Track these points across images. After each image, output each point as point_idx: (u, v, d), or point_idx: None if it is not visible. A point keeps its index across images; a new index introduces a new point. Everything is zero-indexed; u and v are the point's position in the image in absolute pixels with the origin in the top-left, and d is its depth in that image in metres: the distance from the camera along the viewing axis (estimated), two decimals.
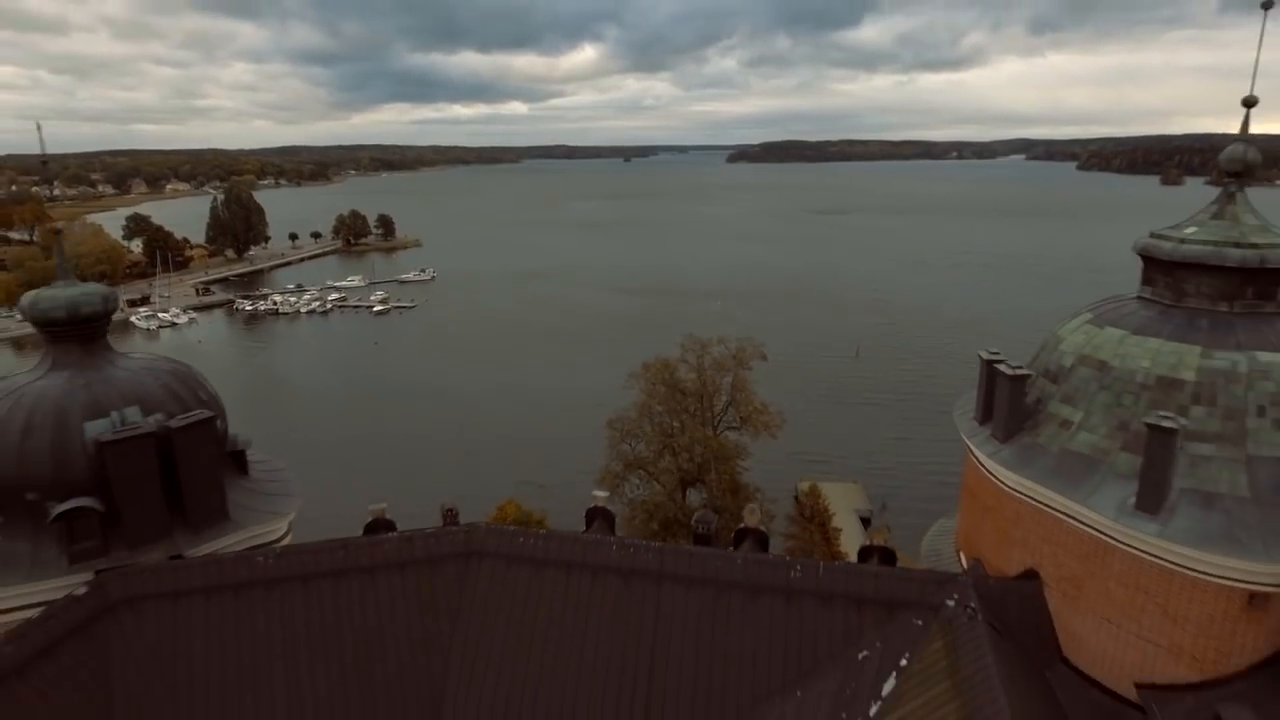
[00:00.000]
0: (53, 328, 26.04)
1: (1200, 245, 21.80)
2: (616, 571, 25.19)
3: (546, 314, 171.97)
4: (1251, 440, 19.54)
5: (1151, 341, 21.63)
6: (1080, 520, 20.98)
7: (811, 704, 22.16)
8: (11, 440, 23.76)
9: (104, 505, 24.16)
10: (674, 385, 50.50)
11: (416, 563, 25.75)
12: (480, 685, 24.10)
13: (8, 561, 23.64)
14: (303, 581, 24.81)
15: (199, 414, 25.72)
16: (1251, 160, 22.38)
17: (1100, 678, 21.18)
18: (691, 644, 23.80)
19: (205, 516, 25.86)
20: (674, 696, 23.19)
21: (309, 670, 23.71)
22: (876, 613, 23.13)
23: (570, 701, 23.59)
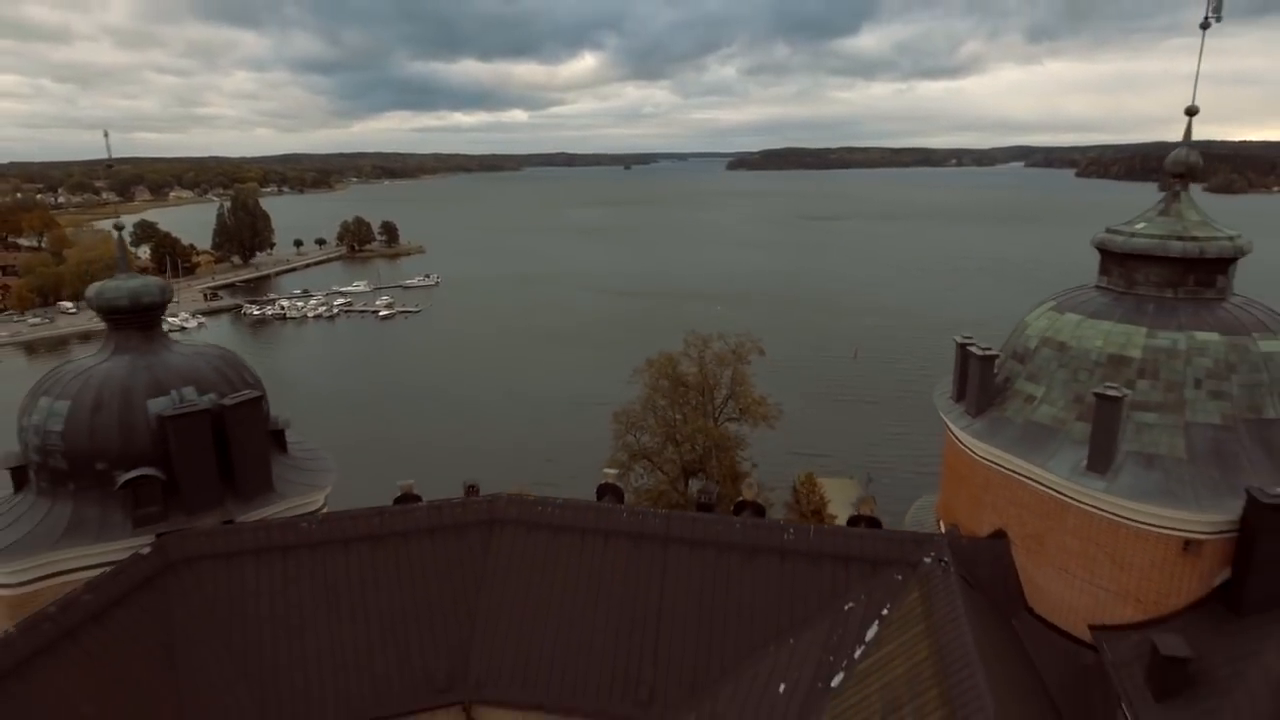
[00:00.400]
0: (115, 315, 28.74)
1: (1147, 239, 24.44)
2: (626, 536, 27.80)
3: (549, 317, 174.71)
4: (1189, 409, 22.15)
5: (1104, 324, 24.26)
6: (1040, 482, 23.57)
7: (802, 650, 24.72)
8: (83, 416, 26.41)
9: (164, 475, 26.81)
10: (676, 379, 53.26)
11: (445, 529, 28.37)
12: (503, 638, 26.65)
13: (80, 525, 26.29)
14: (343, 545, 27.44)
15: (248, 393, 28.41)
16: (1193, 163, 24.98)
17: (1060, 623, 23.75)
18: (695, 600, 26.37)
19: (253, 487, 28.50)
20: (679, 647, 25.74)
21: (349, 623, 26.27)
22: (861, 570, 25.72)
23: (585, 653, 26.12)
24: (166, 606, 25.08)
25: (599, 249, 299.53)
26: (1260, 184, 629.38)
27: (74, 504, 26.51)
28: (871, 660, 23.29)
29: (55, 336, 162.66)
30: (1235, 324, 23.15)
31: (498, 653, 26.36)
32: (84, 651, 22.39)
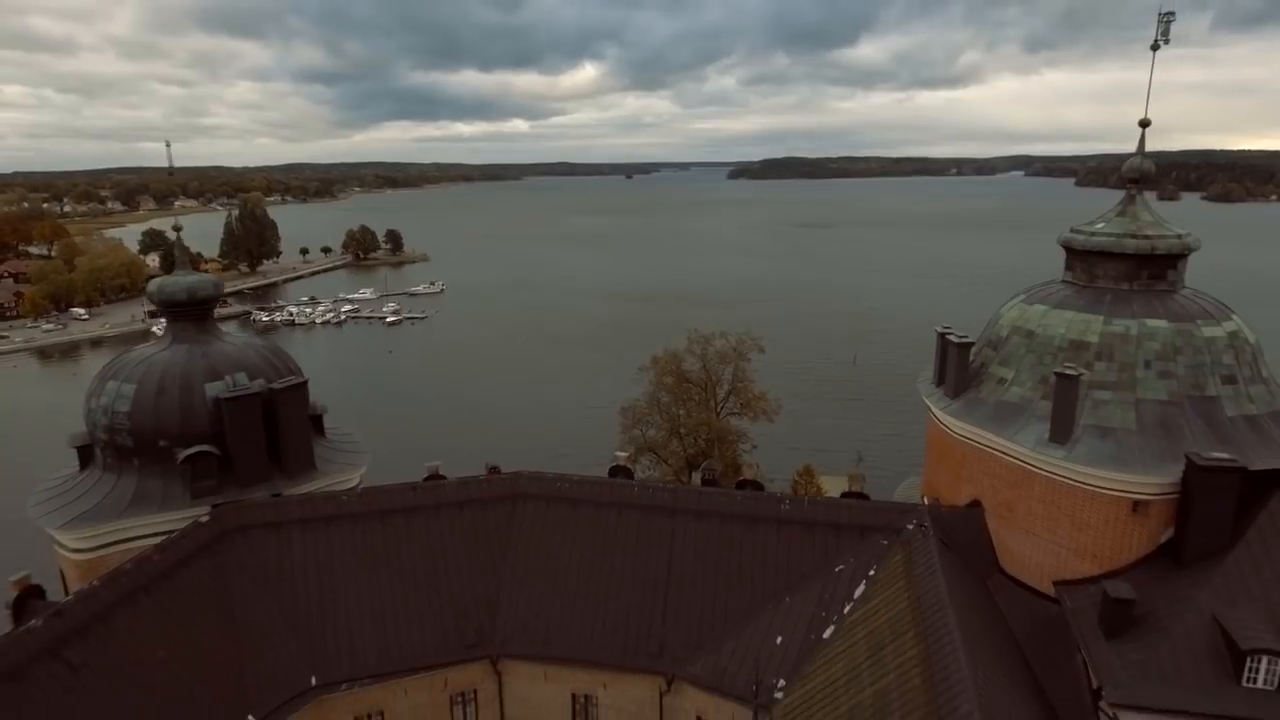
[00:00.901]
0: (174, 307, 31.57)
1: (1105, 237, 27.27)
2: (637, 508, 30.55)
3: (553, 322, 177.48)
4: (1139, 387, 24.93)
5: (1067, 313, 27.08)
6: (1010, 454, 26.33)
7: (798, 607, 27.42)
8: (148, 398, 29.21)
9: (219, 451, 29.61)
10: (680, 375, 55.98)
11: (472, 502, 31.12)
12: (526, 600, 29.34)
13: (144, 496, 29.08)
14: (380, 516, 30.19)
15: (294, 379, 31.23)
16: (1146, 170, 27.81)
17: (1027, 580, 26.48)
18: (700, 565, 29.08)
19: (297, 464, 31.28)
20: (686, 606, 28.41)
21: (387, 586, 28.97)
22: (851, 536, 28.46)
23: (601, 612, 28.80)
24: (223, 569, 27.82)
25: (600, 256, 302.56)
26: (1258, 192, 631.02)
27: (138, 478, 29.31)
28: (859, 613, 26.02)
29: (68, 342, 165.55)
30: (1182, 312, 25.95)
31: (521, 612, 29.06)
32: (156, 603, 25.15)
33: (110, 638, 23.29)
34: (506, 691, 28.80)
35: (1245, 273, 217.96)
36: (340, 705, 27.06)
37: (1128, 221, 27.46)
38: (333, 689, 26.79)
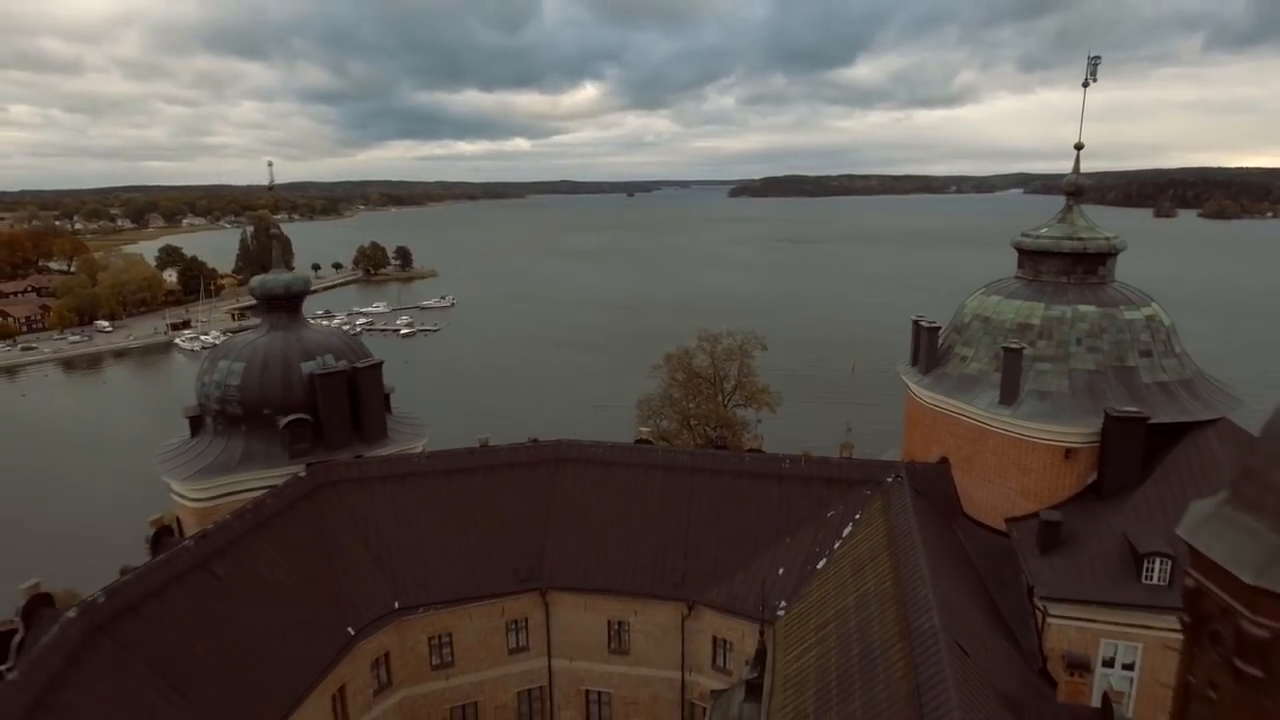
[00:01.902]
0: (272, 300, 37.50)
1: (1047, 239, 33.18)
2: (661, 468, 36.26)
3: (560, 333, 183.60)
4: (1072, 359, 30.74)
5: (1016, 302, 32.94)
6: (970, 417, 32.10)
7: (796, 545, 33.06)
8: (254, 375, 35.07)
9: (313, 419, 35.41)
10: (691, 371, 61.75)
11: (522, 464, 36.82)
12: (569, 542, 34.93)
13: (251, 456, 34.88)
14: (445, 474, 35.88)
15: (372, 360, 37.11)
16: (1081, 185, 33.74)
17: (984, 520, 32.17)
18: (714, 514, 34.72)
19: (374, 432, 37.09)
20: (703, 545, 33.98)
21: (452, 532, 34.59)
22: (840, 488, 34.11)
23: (631, 551, 34.39)
24: (320, 514, 33.53)
25: (601, 270, 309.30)
26: (1254, 209, 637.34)
27: (245, 441, 35.13)
28: (845, 547, 31.67)
29: (92, 353, 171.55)
30: (1109, 300, 31.83)
31: (565, 553, 34.67)
32: (272, 536, 30.86)
33: (242, 558, 29.00)
34: (553, 619, 34.37)
35: (1215, 282, 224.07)
36: (417, 626, 32.67)
37: (1066, 227, 33.38)
38: (411, 612, 32.40)
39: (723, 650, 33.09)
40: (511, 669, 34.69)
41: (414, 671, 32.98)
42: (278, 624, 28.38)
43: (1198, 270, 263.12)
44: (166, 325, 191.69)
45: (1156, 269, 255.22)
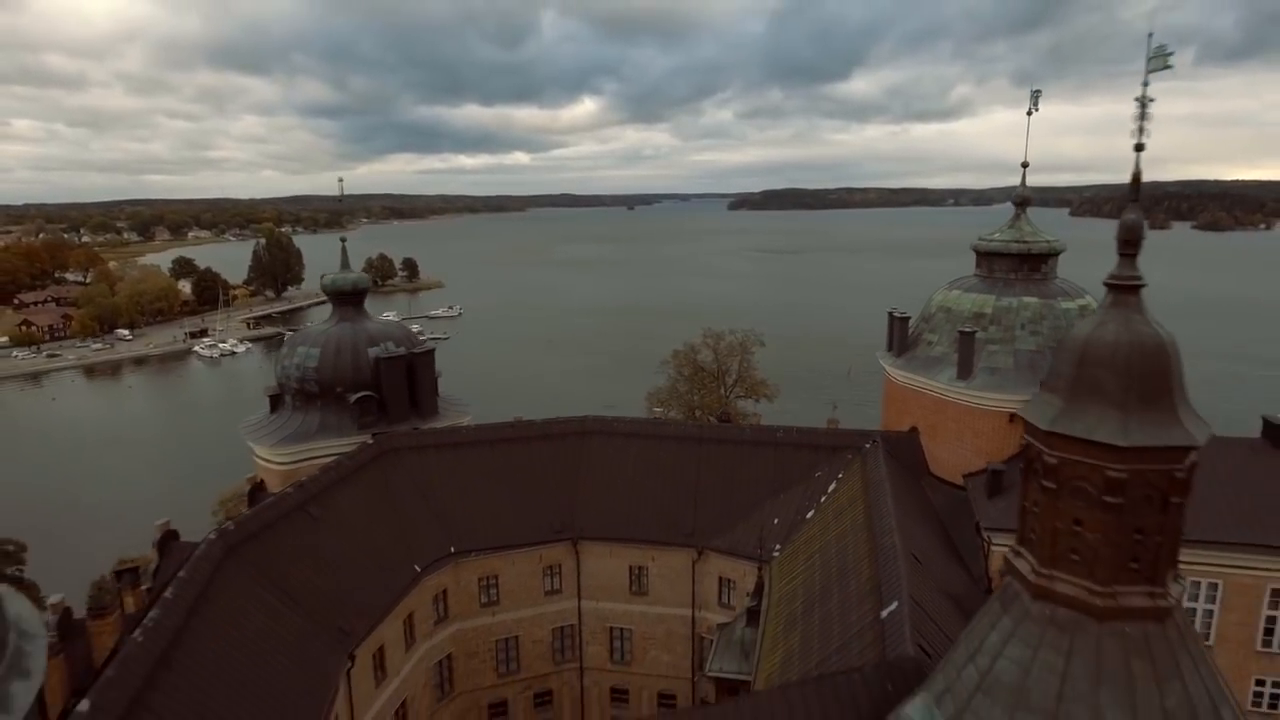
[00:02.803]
0: (341, 295, 43.76)
1: (999, 242, 39.46)
2: (673, 439, 42.42)
3: (563, 339, 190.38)
4: (1017, 341, 36.95)
5: (973, 295, 39.18)
6: (933, 391, 38.29)
7: (788, 500, 39.13)
8: (329, 357, 41.29)
9: (377, 396, 41.57)
10: (696, 366, 67.95)
11: (553, 436, 42.94)
12: (596, 500, 40.96)
13: (326, 427, 41.06)
14: (489, 444, 42.00)
15: (427, 346, 43.33)
16: (1027, 196, 40.02)
17: (946, 477, 38.29)
18: (720, 476, 40.79)
19: (427, 409, 43.28)
20: (710, 502, 40.02)
21: (496, 490, 40.63)
22: (826, 453, 40.21)
23: (648, 508, 40.40)
24: (386, 475, 39.62)
25: (605, 281, 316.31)
26: (1247, 221, 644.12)
27: (321, 414, 41.32)
28: (829, 500, 37.79)
29: (114, 360, 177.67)
30: (1049, 293, 38.09)
31: (592, 509, 40.73)
32: (350, 489, 36.97)
33: (331, 504, 35.11)
34: (582, 565, 40.41)
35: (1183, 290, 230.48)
36: (470, 567, 38.72)
37: (1015, 231, 39.67)
38: (464, 556, 38.43)
39: (727, 589, 39.11)
40: (547, 608, 40.72)
41: (466, 607, 39.01)
42: (360, 557, 34.44)
43: (1178, 279, 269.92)
44: (185, 334, 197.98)
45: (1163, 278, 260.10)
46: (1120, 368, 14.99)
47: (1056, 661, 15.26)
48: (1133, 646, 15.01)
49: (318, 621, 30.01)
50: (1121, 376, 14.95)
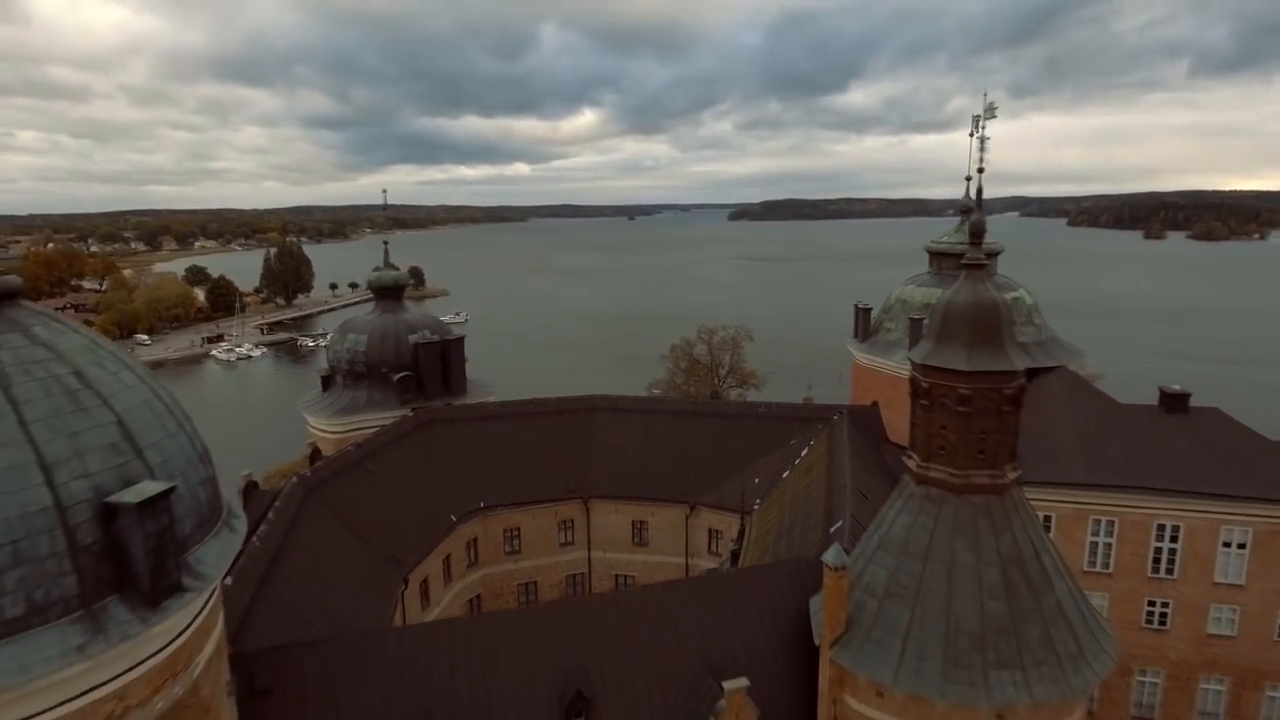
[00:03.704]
0: (384, 290, 50.73)
1: (947, 244, 46.40)
2: (670, 413, 49.29)
3: (567, 343, 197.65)
4: None
5: (925, 289, 46.11)
6: (891, 370, 45.15)
7: (767, 463, 45.88)
8: (375, 343, 48.20)
9: (416, 376, 48.42)
10: (692, 359, 74.78)
11: (567, 411, 49.78)
12: (603, 468, 47.73)
13: (373, 402, 47.92)
14: (512, 417, 48.85)
15: (458, 334, 50.28)
16: (970, 206, 46.87)
17: (901, 443, 45.00)
18: (710, 445, 47.55)
19: (458, 388, 50.15)
20: (702, 465, 46.75)
21: (519, 455, 47.37)
22: (800, 424, 47.01)
23: (649, 471, 47.14)
24: (425, 443, 46.41)
25: (604, 288, 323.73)
26: (1240, 231, 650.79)
27: (368, 391, 48.18)
28: (802, 462, 44.57)
29: None
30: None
31: (600, 472, 47.48)
32: (396, 452, 43.77)
33: (381, 462, 41.92)
34: (592, 520, 47.16)
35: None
36: (496, 520, 45.48)
37: (961, 234, 46.62)
38: (491, 510, 45.19)
39: (716, 539, 45.85)
40: (561, 557, 47.45)
41: (493, 554, 45.77)
42: (406, 506, 41.23)
43: (1144, 287, 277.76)
44: (202, 339, 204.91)
45: (1118, 285, 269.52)
46: (966, 320, 22.04)
47: (929, 522, 22.17)
48: (979, 511, 21.93)
49: (376, 551, 36.79)
50: (967, 326, 21.98)
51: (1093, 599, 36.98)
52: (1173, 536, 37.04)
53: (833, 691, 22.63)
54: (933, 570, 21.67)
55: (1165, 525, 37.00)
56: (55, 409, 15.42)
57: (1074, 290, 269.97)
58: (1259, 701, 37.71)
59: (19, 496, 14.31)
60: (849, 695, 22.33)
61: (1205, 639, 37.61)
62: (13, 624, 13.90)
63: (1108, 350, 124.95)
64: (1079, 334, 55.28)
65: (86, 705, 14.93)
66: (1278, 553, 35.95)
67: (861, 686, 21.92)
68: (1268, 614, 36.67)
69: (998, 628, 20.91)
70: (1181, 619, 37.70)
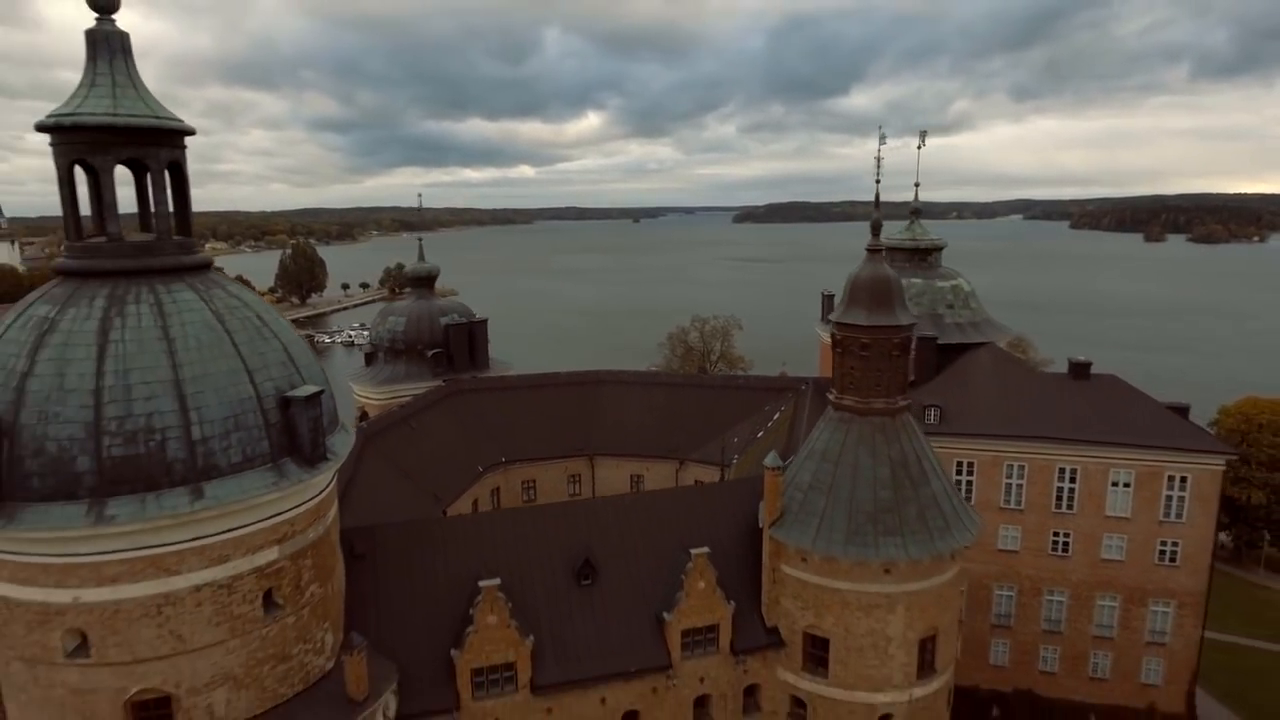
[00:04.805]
0: (419, 279, 59.17)
1: (896, 240, 54.64)
2: (664, 385, 57.65)
3: (573, 337, 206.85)
4: (911, 306, 52.08)
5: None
6: None
7: (747, 426, 54.12)
8: (413, 324, 56.65)
9: (447, 352, 56.82)
10: (687, 346, 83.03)
11: (575, 383, 58.08)
12: (606, 430, 55.98)
13: (409, 374, 56.34)
14: (528, 388, 57.18)
15: (481, 318, 58.70)
16: (919, 208, 55.13)
17: None
18: (699, 411, 55.77)
19: (481, 363, 58.58)
20: (691, 428, 54.87)
21: (534, 419, 55.60)
22: (774, 394, 55.25)
23: (647, 431, 55.33)
24: (455, 409, 54.73)
25: (609, 287, 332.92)
26: (1241, 233, 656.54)
27: (405, 365, 56.58)
28: (773, 423, 52.81)
29: None
30: (930, 276, 53.25)
31: (604, 433, 55.70)
32: (431, 415, 52.12)
33: (420, 423, 50.27)
34: (596, 474, 55.41)
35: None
36: (516, 474, 53.75)
37: (909, 232, 54.91)
38: (511, 464, 53.45)
39: None
40: None
41: (513, 501, 53.91)
42: (442, 456, 49.54)
43: (1133, 286, 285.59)
44: None
45: (1118, 286, 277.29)
46: (866, 289, 30.36)
47: (841, 436, 30.50)
48: (877, 428, 30.24)
49: (420, 487, 45.14)
50: (867, 293, 30.30)
51: (1008, 531, 45.88)
52: (1071, 478, 45.21)
53: (772, 561, 30.96)
54: (842, 470, 29.99)
55: (1065, 469, 45.18)
56: (250, 337, 23.88)
57: (1054, 289, 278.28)
58: (1144, 615, 45.85)
59: (236, 389, 22.76)
60: (783, 563, 30.66)
61: (1100, 563, 45.75)
62: (236, 466, 22.33)
63: (1063, 340, 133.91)
64: (1042, 324, 62.83)
65: (273, 525, 23.39)
66: (1156, 490, 44.11)
67: (791, 554, 30.25)
68: (1149, 542, 44.81)
69: (886, 508, 29.20)
70: (1080, 547, 45.86)
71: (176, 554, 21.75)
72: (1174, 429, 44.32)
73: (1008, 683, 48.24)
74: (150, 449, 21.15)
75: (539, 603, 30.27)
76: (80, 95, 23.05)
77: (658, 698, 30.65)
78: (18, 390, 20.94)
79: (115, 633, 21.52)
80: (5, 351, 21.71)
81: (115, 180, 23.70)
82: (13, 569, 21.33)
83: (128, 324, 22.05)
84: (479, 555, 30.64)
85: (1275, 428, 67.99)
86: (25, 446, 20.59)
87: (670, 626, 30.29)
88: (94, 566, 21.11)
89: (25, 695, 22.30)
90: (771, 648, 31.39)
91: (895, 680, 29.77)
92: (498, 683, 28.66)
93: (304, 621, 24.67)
